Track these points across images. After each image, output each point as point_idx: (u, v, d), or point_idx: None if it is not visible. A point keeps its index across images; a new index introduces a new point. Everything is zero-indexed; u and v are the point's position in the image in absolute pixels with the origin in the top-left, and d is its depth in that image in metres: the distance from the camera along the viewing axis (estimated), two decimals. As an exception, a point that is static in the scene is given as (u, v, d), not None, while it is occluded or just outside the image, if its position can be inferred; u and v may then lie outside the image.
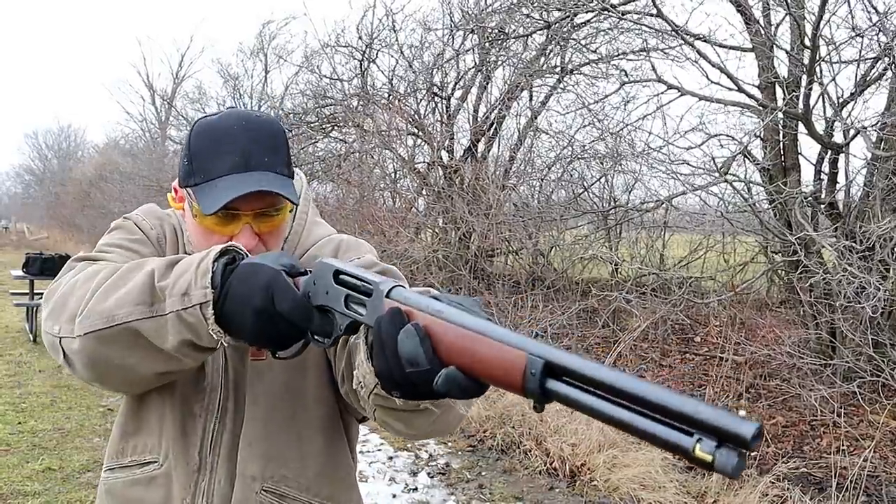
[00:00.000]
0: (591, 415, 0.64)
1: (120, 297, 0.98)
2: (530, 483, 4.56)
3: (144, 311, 0.96)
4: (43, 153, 49.09)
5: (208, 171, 1.10)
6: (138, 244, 1.22)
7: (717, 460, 0.56)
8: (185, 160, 1.14)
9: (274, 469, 1.18)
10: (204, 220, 1.12)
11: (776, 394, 5.66)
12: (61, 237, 27.59)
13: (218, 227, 1.12)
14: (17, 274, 9.40)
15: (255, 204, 1.11)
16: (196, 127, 1.15)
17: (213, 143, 1.11)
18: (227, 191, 1.07)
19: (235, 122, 1.13)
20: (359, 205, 9.54)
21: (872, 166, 5.47)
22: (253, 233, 1.12)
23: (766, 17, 6.09)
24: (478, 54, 9.78)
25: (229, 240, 1.10)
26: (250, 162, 1.10)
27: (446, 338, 0.75)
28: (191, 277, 0.95)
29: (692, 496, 4.14)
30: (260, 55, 16.87)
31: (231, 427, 1.18)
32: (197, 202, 1.10)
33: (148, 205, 1.33)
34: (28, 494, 4.16)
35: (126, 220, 1.27)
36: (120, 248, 1.19)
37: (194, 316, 0.94)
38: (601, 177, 8.79)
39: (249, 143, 1.11)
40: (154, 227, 1.26)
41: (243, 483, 1.17)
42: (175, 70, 27.99)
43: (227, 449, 1.18)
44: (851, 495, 3.92)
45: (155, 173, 17.25)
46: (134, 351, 0.99)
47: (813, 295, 5.50)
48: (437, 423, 1.00)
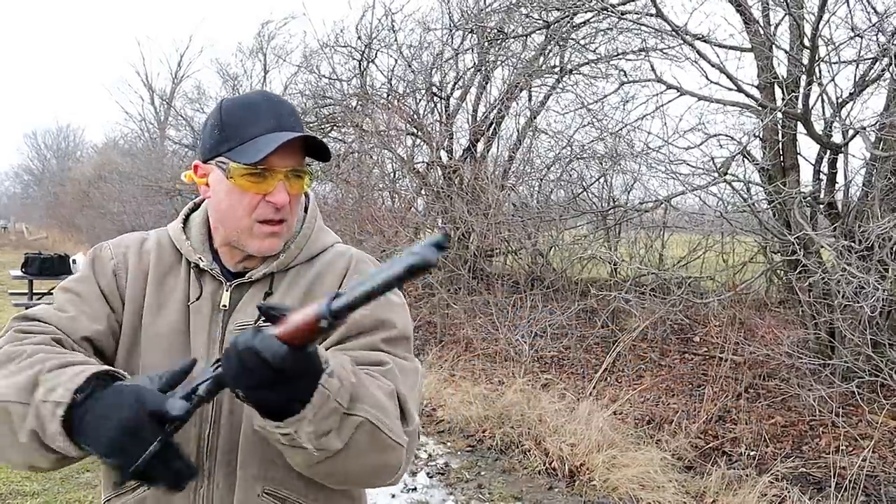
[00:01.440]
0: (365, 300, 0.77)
1: (11, 380, 1.03)
2: (529, 483, 4.56)
3: (22, 396, 1.01)
4: (42, 153, 49.08)
5: (243, 136, 1.16)
6: (81, 284, 1.24)
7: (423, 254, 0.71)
8: (216, 131, 1.20)
9: (275, 472, 1.18)
10: (239, 180, 1.16)
11: (775, 394, 5.66)
12: (60, 237, 27.55)
13: (253, 185, 1.16)
14: (16, 274, 9.39)
15: (289, 160, 1.17)
16: (225, 103, 1.22)
17: (245, 112, 1.19)
18: (269, 143, 1.13)
19: (262, 97, 1.22)
20: (358, 205, 9.54)
21: (871, 166, 5.47)
22: (286, 191, 1.17)
23: (766, 17, 6.09)
24: (477, 54, 9.78)
25: (263, 197, 1.17)
26: (283, 125, 1.17)
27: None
28: (66, 378, 0.99)
29: (691, 496, 4.14)
30: (259, 55, 16.89)
31: (226, 433, 1.18)
32: (234, 160, 1.15)
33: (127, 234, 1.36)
34: (27, 494, 4.15)
35: (95, 249, 1.31)
36: (65, 290, 1.24)
37: (49, 410, 0.97)
38: (600, 177, 8.79)
39: (279, 110, 1.19)
40: (114, 257, 1.27)
41: (244, 485, 1.17)
42: (174, 70, 28.00)
43: (223, 453, 1.18)
44: (850, 495, 3.92)
45: (154, 173, 17.21)
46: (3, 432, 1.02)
47: (812, 295, 5.50)
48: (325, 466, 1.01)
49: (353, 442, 0.99)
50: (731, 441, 4.94)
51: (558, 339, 7.10)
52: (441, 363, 6.82)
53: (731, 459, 4.66)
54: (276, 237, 1.20)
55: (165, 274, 1.26)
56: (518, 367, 6.18)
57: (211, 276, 1.25)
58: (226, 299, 1.23)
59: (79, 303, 1.21)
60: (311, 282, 1.25)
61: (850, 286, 4.61)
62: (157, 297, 1.24)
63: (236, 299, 1.23)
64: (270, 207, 1.17)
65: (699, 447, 4.84)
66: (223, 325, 1.21)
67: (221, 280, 1.24)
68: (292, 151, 1.16)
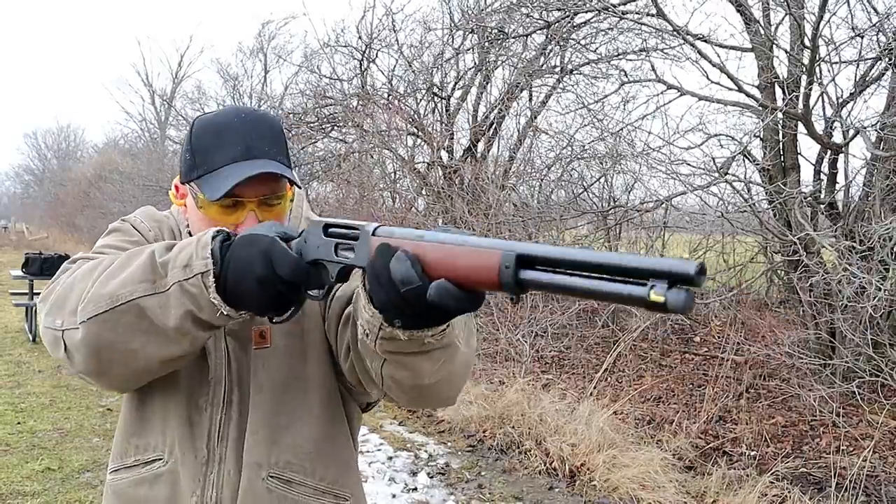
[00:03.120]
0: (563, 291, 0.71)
1: (122, 278, 0.99)
2: (530, 483, 4.55)
3: (147, 287, 0.98)
4: (42, 153, 49.09)
5: (211, 163, 1.14)
6: (133, 245, 1.21)
7: (668, 300, 0.62)
8: (187, 155, 1.18)
9: (279, 455, 1.19)
10: (209, 210, 1.15)
11: (776, 394, 5.66)
12: (61, 237, 27.55)
13: (223, 216, 1.15)
14: (17, 274, 9.39)
15: (259, 190, 1.15)
16: (196, 123, 1.19)
17: (214, 137, 1.16)
18: (230, 177, 1.11)
19: (234, 116, 1.18)
20: (359, 205, 9.54)
21: (872, 166, 5.47)
22: (257, 221, 1.15)
23: (766, 17, 6.09)
24: (477, 54, 9.78)
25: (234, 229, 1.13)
26: (252, 151, 1.14)
27: (430, 255, 0.81)
28: (192, 251, 0.97)
29: (692, 496, 4.14)
30: (259, 55, 16.91)
31: (237, 417, 1.19)
32: (201, 192, 1.14)
33: (145, 207, 1.34)
34: (27, 494, 4.15)
35: (123, 223, 1.28)
36: (117, 249, 1.19)
37: (196, 286, 0.96)
38: (601, 177, 8.79)
39: (249, 133, 1.15)
40: (152, 229, 1.27)
41: (250, 470, 1.18)
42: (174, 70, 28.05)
43: (234, 439, 1.19)
44: (850, 495, 3.92)
45: (154, 173, 17.25)
46: (138, 333, 0.99)
47: (813, 295, 5.50)
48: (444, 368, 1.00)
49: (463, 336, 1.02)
50: (732, 441, 4.94)
51: (559, 339, 7.10)
52: (441, 363, 6.80)
53: (732, 459, 4.66)
54: None
55: None
56: (518, 367, 6.18)
57: None
58: None
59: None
60: None
61: (851, 286, 4.61)
62: None
63: None
64: None
65: (700, 447, 4.84)
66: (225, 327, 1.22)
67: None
68: (264, 180, 1.13)
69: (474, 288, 0.79)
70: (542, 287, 0.73)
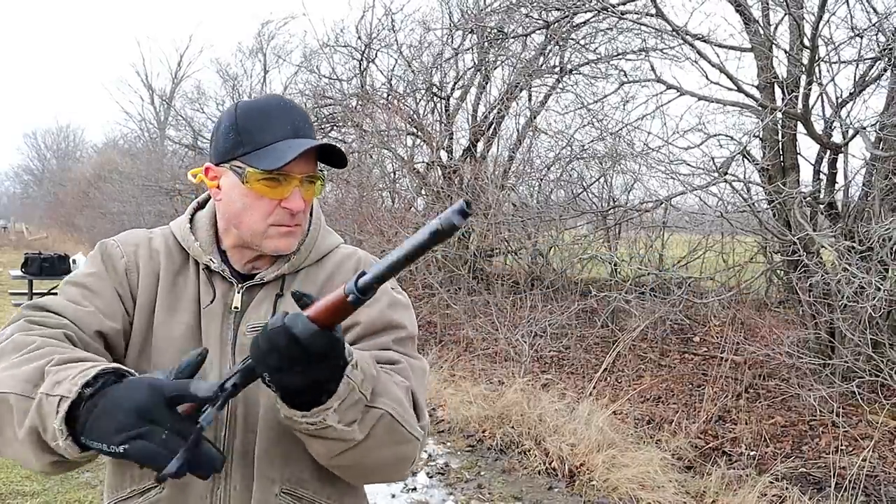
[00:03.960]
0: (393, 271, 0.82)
1: (16, 371, 0.99)
2: (529, 483, 4.55)
3: (26, 388, 0.97)
4: (42, 153, 49.12)
5: (260, 140, 1.17)
6: (93, 278, 1.21)
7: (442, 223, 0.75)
8: (231, 134, 1.19)
9: (291, 472, 1.18)
10: (255, 185, 1.17)
11: (775, 394, 5.66)
12: (60, 237, 27.53)
13: (269, 190, 1.17)
14: (16, 274, 9.39)
15: (304, 168, 1.18)
16: (240, 106, 1.22)
17: (261, 117, 1.19)
18: (288, 151, 1.14)
19: (277, 101, 1.22)
20: (358, 205, 9.54)
21: (871, 166, 5.47)
22: (301, 197, 1.19)
23: (766, 17, 6.09)
24: (477, 54, 9.79)
25: (279, 203, 1.17)
26: (299, 131, 1.19)
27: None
28: (74, 372, 0.95)
29: (691, 496, 4.14)
30: (259, 55, 16.91)
31: (242, 434, 1.18)
32: (250, 166, 1.16)
33: (131, 231, 1.33)
34: (27, 494, 4.15)
35: (102, 245, 1.28)
36: (76, 285, 1.20)
37: (51, 405, 0.93)
38: (600, 177, 8.80)
39: (294, 116, 1.20)
40: (125, 256, 1.25)
41: (262, 486, 1.17)
42: (174, 70, 28.03)
43: (239, 455, 1.17)
44: (850, 495, 3.92)
45: (154, 173, 17.22)
46: (4, 426, 0.99)
47: (812, 295, 5.50)
48: (345, 458, 1.05)
49: (374, 434, 1.03)
50: (731, 441, 4.94)
51: (558, 339, 7.10)
52: (441, 363, 6.82)
53: (731, 459, 4.66)
54: (292, 236, 1.21)
55: (176, 274, 1.25)
56: (518, 367, 6.18)
57: (221, 277, 1.24)
58: (237, 301, 1.22)
59: (92, 297, 1.18)
60: (323, 283, 1.27)
61: (851, 286, 4.61)
62: (168, 298, 1.23)
63: (247, 301, 1.23)
64: (286, 213, 1.18)
65: (699, 447, 4.84)
66: (235, 326, 1.21)
67: (232, 282, 1.24)
68: (307, 158, 1.18)
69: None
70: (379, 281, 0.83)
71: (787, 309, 6.93)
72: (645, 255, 7.92)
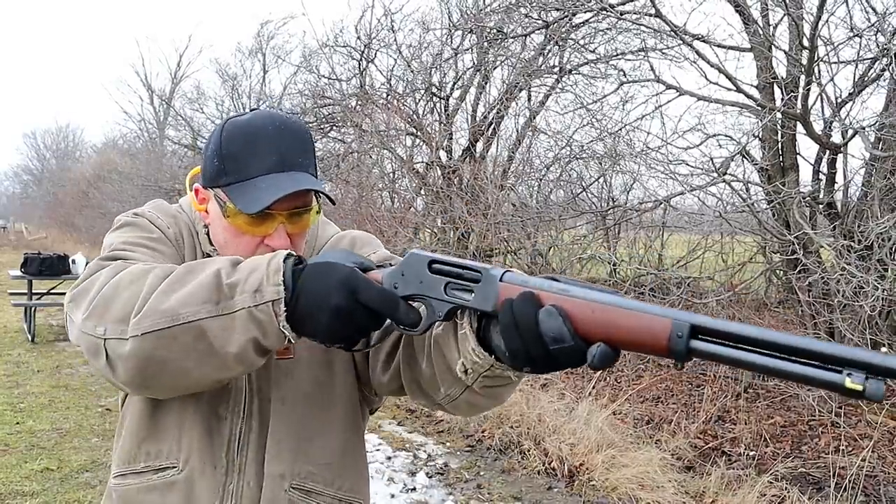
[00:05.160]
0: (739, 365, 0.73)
1: (183, 295, 0.95)
2: (529, 483, 4.55)
3: (211, 309, 0.94)
4: (41, 153, 49.08)
5: (244, 171, 1.10)
6: (159, 244, 1.17)
7: (867, 389, 0.65)
8: (216, 160, 1.13)
9: (301, 466, 1.18)
10: (236, 220, 1.12)
11: (774, 393, 5.67)
12: (60, 237, 27.52)
13: (251, 227, 1.12)
14: (16, 274, 9.38)
15: (291, 203, 1.12)
16: (227, 126, 1.14)
17: (247, 143, 1.11)
18: (268, 191, 1.07)
19: (269, 123, 1.13)
20: (357, 205, 9.54)
21: (871, 166, 5.48)
22: (286, 233, 1.13)
23: (765, 17, 6.09)
24: (476, 54, 9.78)
25: (262, 241, 1.12)
26: (286, 162, 1.10)
27: (580, 313, 0.81)
28: (262, 275, 0.94)
29: (691, 496, 4.14)
30: (258, 55, 16.89)
31: (257, 427, 1.17)
32: (232, 201, 1.10)
33: (156, 201, 1.29)
34: (26, 494, 4.15)
35: (138, 217, 1.21)
36: (142, 247, 1.13)
37: (265, 313, 0.93)
38: (599, 177, 8.80)
39: (284, 143, 1.11)
40: (170, 226, 1.22)
41: (272, 482, 1.16)
42: (173, 70, 27.99)
43: (254, 450, 1.17)
44: (850, 495, 3.92)
45: (153, 173, 17.24)
46: (193, 353, 0.95)
47: (811, 294, 5.50)
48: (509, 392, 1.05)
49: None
50: (731, 441, 4.94)
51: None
52: (440, 363, 6.81)
53: (731, 459, 4.66)
54: None
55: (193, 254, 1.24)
56: (517, 367, 6.17)
57: None
58: None
59: (159, 258, 1.13)
60: None
61: (850, 286, 4.61)
62: None
63: None
64: (269, 251, 1.10)
65: (698, 447, 4.85)
66: None
67: None
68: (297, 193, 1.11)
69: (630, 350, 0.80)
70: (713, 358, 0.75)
71: (787, 309, 6.93)
72: (644, 255, 7.92)
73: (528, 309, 0.83)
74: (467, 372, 0.95)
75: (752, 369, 0.73)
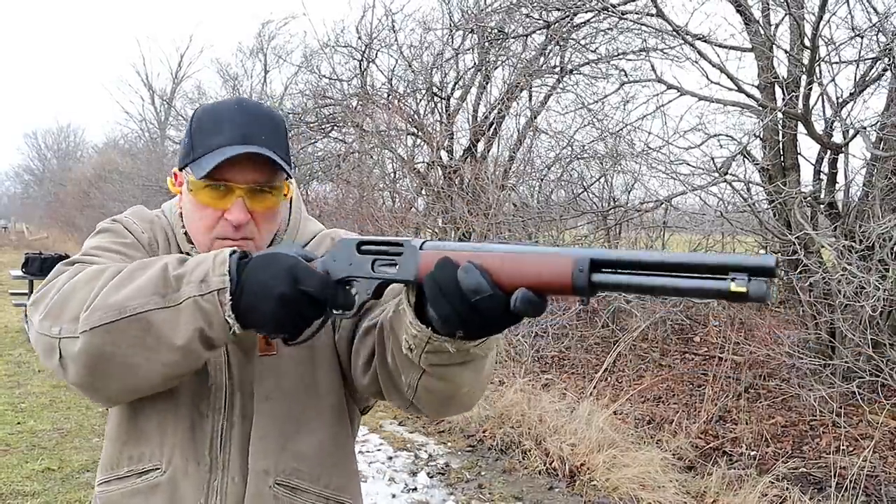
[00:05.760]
0: (638, 290, 0.77)
1: (131, 289, 0.97)
2: (530, 483, 4.55)
3: (158, 300, 0.96)
4: (42, 153, 49.11)
5: (207, 146, 1.12)
6: (130, 248, 1.18)
7: (750, 290, 0.69)
8: (186, 139, 1.17)
9: (286, 462, 1.18)
10: (199, 194, 1.14)
11: (775, 394, 5.66)
12: (61, 237, 27.56)
13: (212, 200, 1.13)
14: (17, 274, 9.39)
15: (250, 176, 1.12)
16: (197, 111, 1.20)
17: (212, 122, 1.14)
18: (220, 155, 1.09)
19: (235, 104, 1.17)
20: (358, 205, 9.54)
21: (872, 166, 5.47)
22: (245, 208, 1.13)
23: (766, 17, 6.08)
24: (477, 54, 9.77)
25: (222, 214, 1.13)
26: (248, 138, 1.11)
27: (494, 265, 0.84)
28: (208, 266, 0.97)
29: (692, 496, 4.14)
30: (259, 55, 16.92)
31: (240, 424, 1.17)
32: (192, 174, 1.13)
33: (136, 207, 1.31)
34: (27, 494, 4.15)
35: (114, 223, 1.24)
36: (110, 251, 1.16)
37: (211, 303, 0.95)
38: (600, 177, 8.79)
39: (249, 121, 1.14)
40: (145, 231, 1.23)
41: (256, 478, 1.16)
42: (174, 70, 28.04)
43: (237, 447, 1.17)
44: (851, 495, 3.92)
45: (154, 173, 17.24)
46: (141, 348, 0.96)
47: (812, 295, 5.50)
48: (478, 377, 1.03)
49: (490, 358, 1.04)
50: (732, 441, 4.94)
51: (559, 339, 7.10)
52: (441, 363, 6.81)
53: (732, 459, 4.66)
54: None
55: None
56: (518, 367, 6.18)
57: None
58: None
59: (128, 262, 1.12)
60: None
61: (851, 286, 4.61)
62: None
63: None
64: (228, 225, 1.13)
65: (699, 447, 4.84)
66: None
67: None
68: (256, 166, 1.12)
69: (543, 292, 0.82)
70: (616, 288, 0.78)
71: (788, 309, 6.93)
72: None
73: (447, 271, 0.85)
74: (411, 349, 0.95)
75: (652, 292, 0.76)
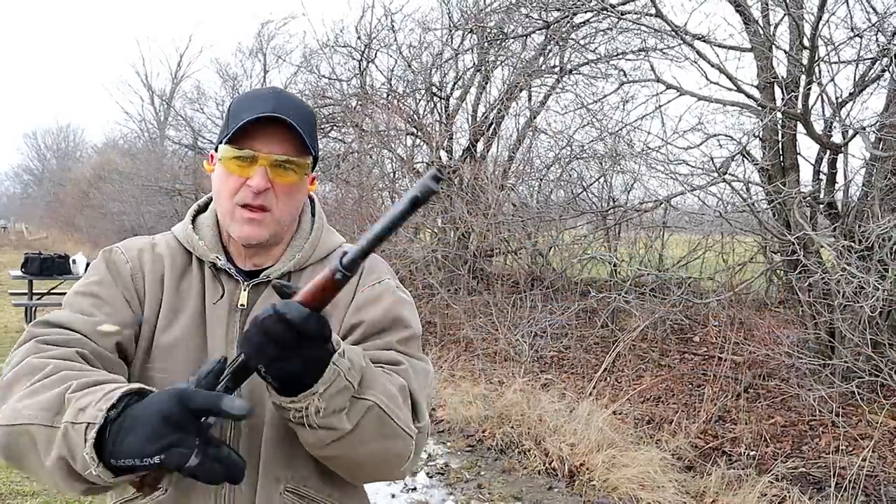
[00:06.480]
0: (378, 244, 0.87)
1: (37, 399, 0.97)
2: (529, 483, 4.56)
3: (45, 417, 0.95)
4: (42, 153, 49.14)
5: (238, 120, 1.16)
6: (101, 287, 1.20)
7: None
8: (224, 119, 1.23)
9: (295, 470, 1.18)
10: (227, 163, 1.18)
11: (775, 394, 5.66)
12: (60, 237, 27.52)
13: (238, 168, 1.17)
14: (16, 274, 9.39)
15: (275, 148, 1.16)
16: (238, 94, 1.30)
17: (247, 101, 1.19)
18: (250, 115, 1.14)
19: (270, 90, 1.22)
20: (358, 205, 9.54)
21: (871, 166, 5.48)
22: (266, 177, 1.16)
23: (765, 17, 6.09)
24: (477, 54, 9.78)
25: (245, 181, 1.16)
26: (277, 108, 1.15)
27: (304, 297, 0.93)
28: (94, 398, 0.92)
29: (691, 496, 4.14)
30: (259, 55, 16.93)
31: (248, 432, 1.17)
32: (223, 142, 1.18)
33: (134, 238, 1.34)
34: (27, 494, 4.15)
35: (106, 252, 1.27)
36: (83, 294, 1.19)
37: (79, 434, 0.89)
38: (600, 177, 8.80)
39: (281, 102, 1.18)
40: (129, 261, 1.24)
41: (267, 485, 1.16)
42: (174, 70, 28.03)
43: (245, 453, 1.16)
44: (850, 495, 3.92)
45: (154, 173, 17.23)
46: (29, 456, 0.97)
47: (812, 295, 5.50)
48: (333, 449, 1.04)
49: (362, 425, 1.02)
50: (731, 441, 4.94)
51: (558, 339, 7.10)
52: (441, 363, 6.82)
53: (731, 459, 4.66)
54: (256, 224, 1.19)
55: (180, 278, 1.25)
56: (518, 367, 6.18)
57: (228, 274, 1.24)
58: (244, 298, 1.22)
59: (101, 306, 1.17)
60: None
61: (850, 286, 4.61)
62: (174, 302, 1.22)
63: (253, 299, 1.23)
64: (249, 191, 1.16)
65: (699, 447, 4.84)
66: (241, 324, 1.20)
67: (238, 279, 1.23)
68: (282, 140, 1.16)
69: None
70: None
71: (787, 309, 6.93)
72: (645, 255, 7.93)
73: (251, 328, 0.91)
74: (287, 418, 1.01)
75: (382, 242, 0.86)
